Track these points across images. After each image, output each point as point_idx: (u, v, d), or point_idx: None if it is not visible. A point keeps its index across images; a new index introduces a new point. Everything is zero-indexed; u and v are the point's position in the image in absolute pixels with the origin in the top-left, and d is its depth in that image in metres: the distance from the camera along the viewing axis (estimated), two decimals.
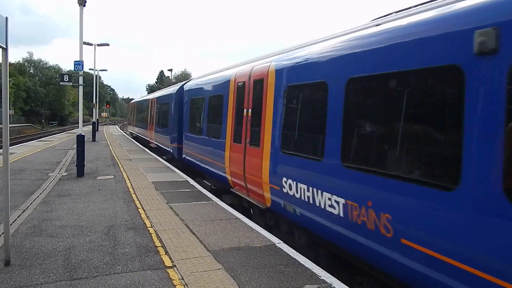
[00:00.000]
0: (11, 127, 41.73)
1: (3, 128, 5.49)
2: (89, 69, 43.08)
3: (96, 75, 39.44)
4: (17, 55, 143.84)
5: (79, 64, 14.15)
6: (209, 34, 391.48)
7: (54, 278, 5.07)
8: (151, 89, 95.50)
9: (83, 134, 13.75)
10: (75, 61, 14.30)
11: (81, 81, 14.22)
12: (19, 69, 73.09)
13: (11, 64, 69.16)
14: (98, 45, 33.89)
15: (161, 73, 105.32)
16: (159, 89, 42.47)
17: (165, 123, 19.38)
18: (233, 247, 6.38)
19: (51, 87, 78.09)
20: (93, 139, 29.60)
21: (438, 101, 4.40)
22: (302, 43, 7.70)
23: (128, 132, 42.96)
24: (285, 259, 5.88)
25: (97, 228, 7.31)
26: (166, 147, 18.70)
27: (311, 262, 5.81)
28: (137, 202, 9.44)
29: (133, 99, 56.76)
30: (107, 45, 34.28)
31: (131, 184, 11.77)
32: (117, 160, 17.98)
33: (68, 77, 15.08)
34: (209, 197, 10.23)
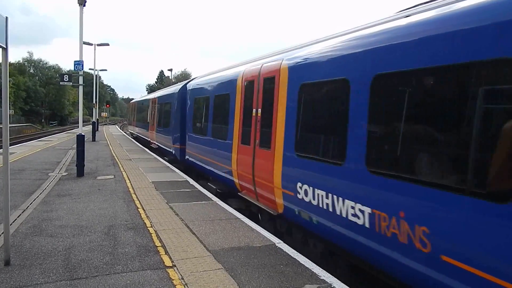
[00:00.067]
0: (11, 127, 41.75)
1: (3, 128, 5.49)
2: (89, 69, 43.16)
3: (96, 75, 39.43)
4: (17, 55, 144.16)
5: (79, 64, 14.15)
6: (209, 34, 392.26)
7: (54, 278, 5.07)
8: (151, 89, 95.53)
9: (83, 134, 13.75)
10: (75, 61, 14.31)
11: (81, 81, 14.22)
12: (19, 69, 73.00)
13: (11, 64, 69.15)
14: (98, 45, 33.90)
15: (161, 73, 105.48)
16: (159, 89, 42.44)
17: (166, 123, 18.97)
18: (233, 247, 6.39)
19: (51, 87, 78.01)
20: (93, 139, 29.61)
21: (497, 98, 3.82)
22: (318, 38, 7.16)
23: (128, 132, 42.94)
24: (285, 259, 5.89)
25: (97, 228, 7.31)
26: (168, 148, 18.33)
27: (311, 262, 5.81)
28: (137, 202, 9.45)
29: (133, 99, 56.79)
30: (107, 45, 34.30)
31: (131, 184, 11.77)
32: (117, 160, 17.98)
33: (68, 77, 15.08)
34: (209, 197, 10.23)
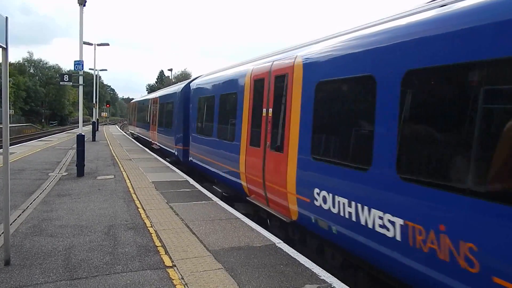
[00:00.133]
0: (11, 126, 41.74)
1: (3, 127, 5.49)
2: (89, 69, 43.24)
3: (96, 75, 39.47)
4: (17, 55, 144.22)
5: (79, 64, 14.16)
6: (209, 34, 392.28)
7: (54, 277, 5.07)
8: (151, 89, 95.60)
9: (83, 134, 13.75)
10: (75, 61, 14.32)
11: (81, 81, 14.22)
12: (19, 69, 72.99)
13: (11, 63, 69.17)
14: (98, 44, 33.96)
15: (161, 73, 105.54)
16: (159, 89, 42.37)
17: (169, 123, 18.43)
18: (233, 246, 6.39)
19: (51, 86, 77.99)
20: (93, 139, 29.61)
21: None
22: (337, 32, 6.66)
23: (129, 133, 42.90)
24: (285, 258, 5.89)
25: (97, 227, 7.31)
26: (170, 149, 17.88)
27: (311, 262, 5.81)
28: (137, 202, 9.45)
29: (133, 98, 56.76)
30: (107, 45, 34.34)
31: (131, 184, 11.77)
32: (117, 159, 17.98)
33: (68, 77, 15.09)
34: (209, 197, 10.23)
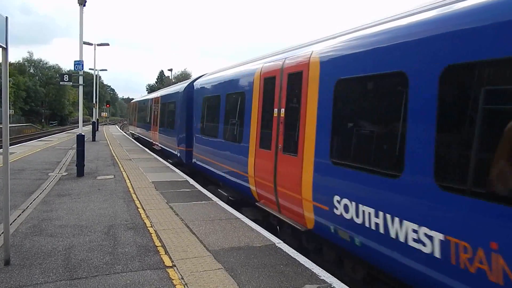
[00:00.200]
0: (11, 126, 41.76)
1: (3, 127, 5.50)
2: (89, 69, 43.20)
3: (96, 75, 39.47)
4: (17, 55, 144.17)
5: (79, 64, 14.16)
6: (209, 34, 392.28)
7: (54, 277, 5.07)
8: (151, 89, 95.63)
9: (83, 134, 13.75)
10: (75, 61, 14.32)
11: (81, 81, 14.22)
12: (19, 69, 72.99)
13: (11, 63, 69.18)
14: (98, 44, 33.95)
15: (161, 73, 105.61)
16: (159, 89, 42.36)
17: (171, 123, 18.01)
18: (233, 247, 6.39)
19: (51, 86, 77.97)
20: (93, 139, 29.61)
21: None
22: (357, 26, 6.14)
23: (129, 133, 42.88)
24: (285, 259, 5.89)
25: (97, 227, 7.31)
26: (172, 150, 17.40)
27: (311, 262, 5.81)
28: (137, 202, 9.45)
29: (133, 98, 56.70)
30: (107, 45, 34.33)
31: (131, 184, 11.77)
32: (117, 159, 17.98)
33: (68, 77, 15.09)
34: (209, 197, 10.23)
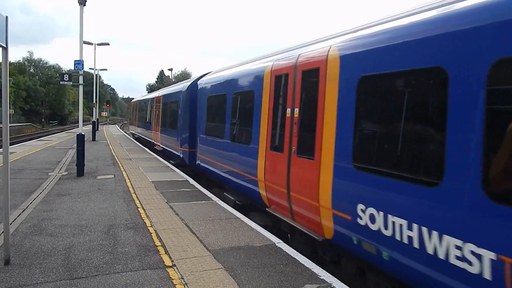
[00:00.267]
0: (11, 126, 41.77)
1: (3, 127, 5.50)
2: (89, 68, 43.27)
3: (96, 75, 39.47)
4: (17, 55, 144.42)
5: (79, 63, 14.16)
6: (209, 34, 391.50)
7: (54, 277, 5.07)
8: (151, 88, 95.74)
9: (83, 134, 13.76)
10: (75, 61, 14.32)
11: (81, 81, 14.22)
12: (19, 69, 72.97)
13: (11, 63, 69.17)
14: (98, 44, 33.96)
15: (161, 72, 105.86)
16: (159, 88, 42.33)
17: (173, 123, 17.58)
18: (233, 246, 6.39)
19: (51, 86, 77.94)
20: (93, 139, 29.62)
21: None
22: (382, 18, 5.67)
23: (129, 133, 42.86)
24: (285, 258, 5.89)
25: (97, 227, 7.31)
26: (175, 151, 16.99)
27: (311, 262, 5.81)
28: (137, 202, 9.45)
29: (133, 98, 56.67)
30: (107, 44, 34.35)
31: (131, 184, 11.77)
32: (117, 159, 17.98)
33: (68, 76, 15.09)
34: (209, 197, 10.24)
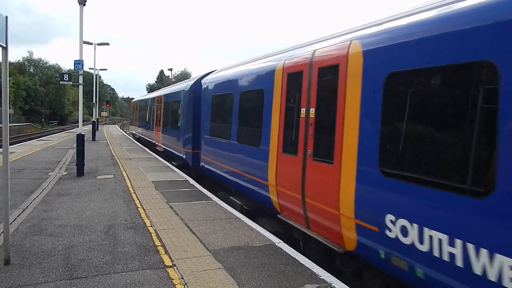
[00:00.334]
0: (11, 126, 41.77)
1: (3, 127, 5.50)
2: (89, 68, 43.23)
3: (96, 75, 39.44)
4: (17, 54, 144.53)
5: (79, 63, 14.16)
6: (209, 34, 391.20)
7: (54, 277, 5.07)
8: (151, 88, 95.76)
9: (83, 134, 13.76)
10: (75, 61, 14.31)
11: (81, 81, 14.22)
12: (19, 68, 72.99)
13: (11, 63, 69.21)
14: (98, 44, 33.91)
15: (161, 72, 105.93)
16: (159, 88, 42.30)
17: (175, 123, 17.12)
18: (233, 246, 6.39)
19: (51, 86, 77.97)
20: (93, 139, 29.62)
21: None
22: (412, 7, 5.16)
23: (129, 133, 42.82)
24: (285, 258, 5.89)
25: (97, 227, 7.31)
26: (177, 152, 16.52)
27: (311, 262, 5.81)
28: (137, 202, 9.45)
29: (133, 98, 56.65)
30: (107, 44, 34.31)
31: (131, 184, 11.77)
32: (117, 159, 17.98)
33: (68, 76, 15.08)
34: (209, 197, 10.24)
